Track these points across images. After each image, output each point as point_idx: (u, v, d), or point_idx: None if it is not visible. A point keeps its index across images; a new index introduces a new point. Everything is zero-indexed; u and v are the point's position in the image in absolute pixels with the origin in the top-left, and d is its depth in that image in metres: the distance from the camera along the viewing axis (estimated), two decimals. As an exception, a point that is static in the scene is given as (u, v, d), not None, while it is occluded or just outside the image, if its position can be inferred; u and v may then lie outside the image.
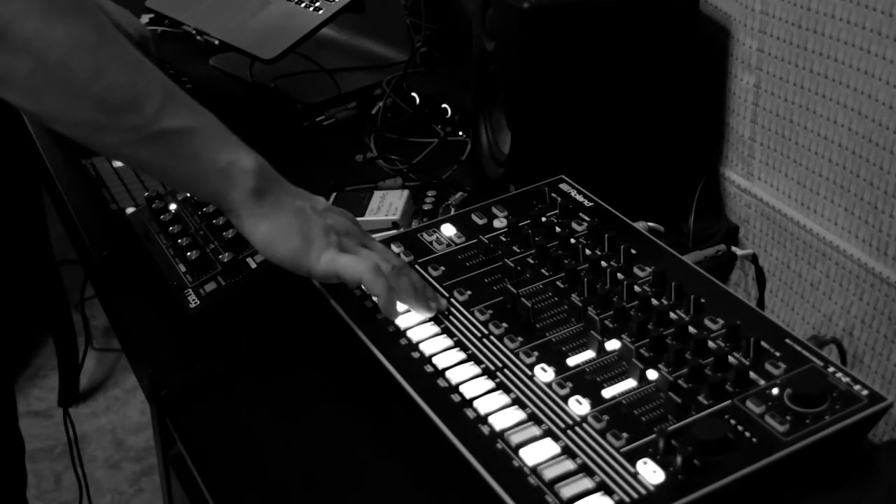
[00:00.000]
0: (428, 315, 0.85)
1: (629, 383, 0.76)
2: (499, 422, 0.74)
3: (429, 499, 0.77)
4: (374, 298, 0.86)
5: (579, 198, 0.99)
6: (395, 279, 0.85)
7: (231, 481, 0.81)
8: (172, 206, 1.09)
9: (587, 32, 1.05)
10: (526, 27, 1.03)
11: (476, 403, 0.76)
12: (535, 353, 0.80)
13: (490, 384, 0.78)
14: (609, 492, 0.68)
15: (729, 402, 0.73)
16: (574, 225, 0.95)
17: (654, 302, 0.84)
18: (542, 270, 0.90)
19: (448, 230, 0.97)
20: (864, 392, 0.73)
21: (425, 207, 1.15)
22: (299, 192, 0.87)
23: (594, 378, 0.77)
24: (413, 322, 0.85)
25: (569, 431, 0.73)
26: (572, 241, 0.92)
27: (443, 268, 0.92)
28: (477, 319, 0.85)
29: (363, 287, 0.85)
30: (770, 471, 0.69)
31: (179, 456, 0.89)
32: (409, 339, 0.84)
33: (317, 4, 1.41)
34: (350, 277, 0.84)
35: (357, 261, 0.84)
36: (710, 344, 0.78)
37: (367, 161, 1.26)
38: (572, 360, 0.79)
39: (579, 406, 0.75)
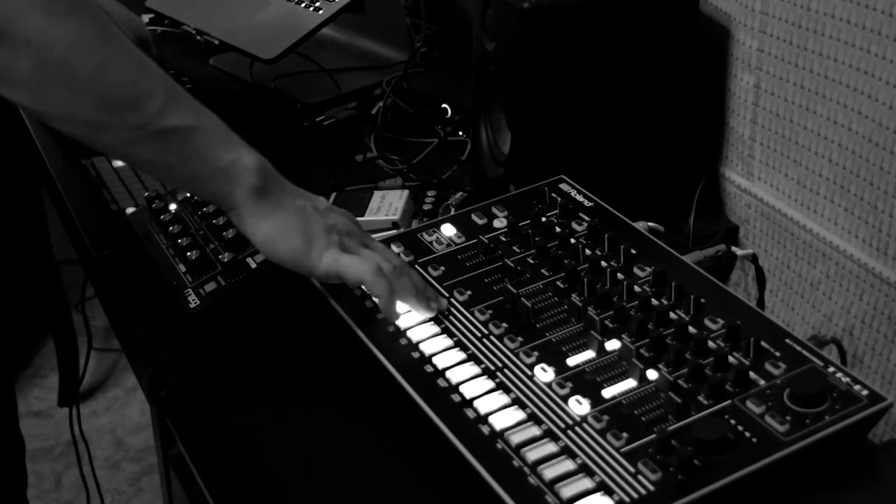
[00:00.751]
0: (428, 315, 0.85)
1: (629, 383, 0.76)
2: (499, 422, 0.74)
3: (429, 499, 0.77)
4: (375, 299, 0.86)
5: (579, 198, 0.99)
6: (396, 280, 0.85)
7: (231, 481, 0.81)
8: (172, 206, 1.09)
9: (587, 32, 1.05)
10: (526, 27, 1.03)
11: (476, 403, 0.76)
12: (535, 353, 0.80)
13: (490, 384, 0.78)
14: (609, 492, 0.68)
15: (729, 402, 0.73)
16: (574, 225, 0.95)
17: (654, 302, 0.84)
18: (542, 270, 0.90)
19: (448, 230, 0.97)
20: (864, 392, 0.73)
21: (425, 207, 1.15)
22: (300, 191, 0.87)
23: (594, 378, 0.77)
24: (413, 322, 0.85)
25: (569, 431, 0.73)
26: (572, 241, 0.92)
27: (443, 268, 0.92)
28: (477, 319, 0.85)
29: (364, 287, 0.85)
30: (770, 471, 0.69)
31: (179, 456, 0.89)
32: (409, 339, 0.84)
33: (317, 4, 1.41)
34: (352, 278, 0.84)
35: (359, 261, 0.84)
36: (710, 344, 0.78)
37: (367, 161, 1.26)
38: (572, 360, 0.79)
39: (579, 406, 0.75)
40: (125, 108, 0.76)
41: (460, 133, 1.32)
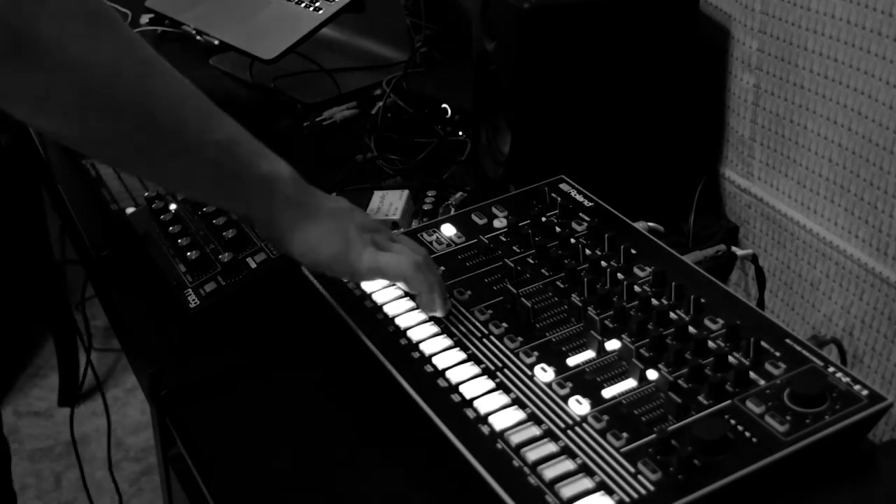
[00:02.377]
0: (442, 313, 0.85)
1: (629, 383, 0.76)
2: (499, 422, 0.74)
3: (429, 499, 0.77)
4: (415, 293, 0.86)
5: (579, 198, 0.99)
6: (431, 273, 0.85)
7: (231, 481, 0.81)
8: (172, 206, 1.09)
9: (587, 32, 1.05)
10: (526, 27, 1.03)
11: (476, 403, 0.76)
12: (535, 353, 0.80)
13: (490, 384, 0.78)
14: (609, 492, 0.68)
15: (729, 402, 0.73)
16: (574, 225, 0.95)
17: (654, 302, 0.84)
18: (542, 270, 0.90)
19: (448, 230, 0.97)
20: (864, 392, 0.73)
21: (425, 207, 1.15)
22: (326, 194, 0.87)
23: (594, 378, 0.77)
24: (413, 322, 0.85)
25: (569, 431, 0.73)
26: (572, 241, 0.92)
27: (443, 268, 0.92)
28: (477, 319, 0.85)
29: (405, 283, 0.85)
30: (770, 471, 0.69)
31: (179, 456, 0.89)
32: (409, 339, 0.84)
33: (317, 4, 1.41)
34: (394, 275, 0.84)
35: (398, 258, 0.84)
36: (710, 344, 0.78)
37: (367, 161, 1.26)
38: (572, 360, 0.79)
39: (579, 406, 0.75)
40: (168, 128, 0.75)
41: (460, 133, 1.32)
